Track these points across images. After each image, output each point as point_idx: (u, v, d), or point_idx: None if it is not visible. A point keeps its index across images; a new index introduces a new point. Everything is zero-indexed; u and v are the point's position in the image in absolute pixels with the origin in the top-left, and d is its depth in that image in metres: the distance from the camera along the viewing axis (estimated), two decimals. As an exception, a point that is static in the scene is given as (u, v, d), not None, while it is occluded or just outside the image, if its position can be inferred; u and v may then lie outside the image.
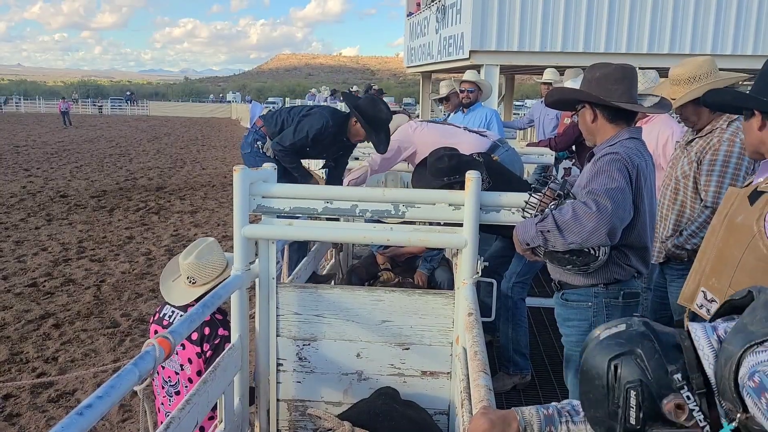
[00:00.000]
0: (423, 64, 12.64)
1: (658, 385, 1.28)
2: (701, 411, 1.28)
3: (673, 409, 1.27)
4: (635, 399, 1.27)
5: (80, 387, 5.09)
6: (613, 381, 1.30)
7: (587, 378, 1.36)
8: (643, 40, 9.16)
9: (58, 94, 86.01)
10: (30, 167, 18.33)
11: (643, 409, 1.27)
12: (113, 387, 1.57)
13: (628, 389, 1.28)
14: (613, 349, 1.33)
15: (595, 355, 1.35)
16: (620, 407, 1.29)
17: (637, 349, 1.31)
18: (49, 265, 8.45)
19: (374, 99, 4.26)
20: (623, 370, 1.29)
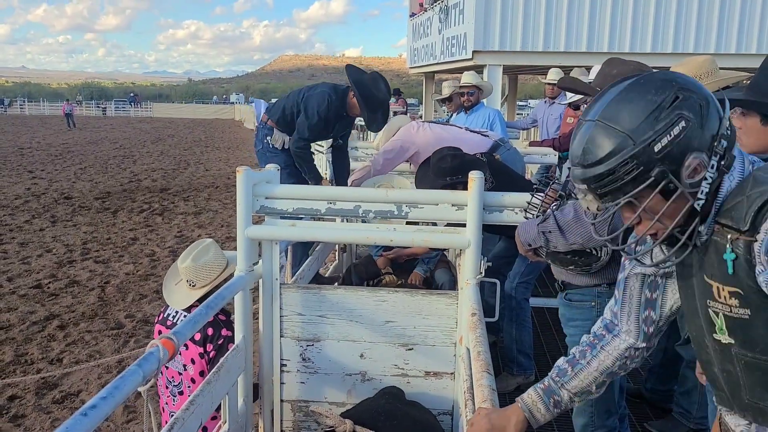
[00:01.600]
0: (426, 65, 12.63)
1: (701, 136, 1.21)
2: (709, 186, 1.24)
3: (694, 165, 1.22)
4: (679, 130, 1.20)
5: (85, 388, 5.10)
6: (668, 104, 1.21)
7: (640, 84, 1.25)
8: (647, 40, 9.14)
9: (62, 96, 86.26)
10: (34, 169, 18.39)
11: (674, 144, 1.20)
12: (117, 388, 1.57)
13: (678, 118, 1.20)
14: (686, 83, 1.25)
15: (664, 77, 1.26)
16: (655, 130, 1.20)
17: (703, 97, 1.24)
18: (54, 266, 8.48)
19: (376, 77, 4.25)
20: (684, 102, 1.22)
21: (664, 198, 1.24)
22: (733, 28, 8.97)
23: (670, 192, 1.23)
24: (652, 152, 1.20)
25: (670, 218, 1.26)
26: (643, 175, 1.21)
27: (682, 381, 3.33)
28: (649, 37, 9.13)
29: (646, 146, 1.20)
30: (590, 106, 1.31)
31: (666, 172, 1.21)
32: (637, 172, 1.21)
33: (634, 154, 1.20)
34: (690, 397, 3.32)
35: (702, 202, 1.24)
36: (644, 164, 1.21)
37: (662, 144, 1.20)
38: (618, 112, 1.23)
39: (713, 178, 1.23)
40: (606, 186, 1.25)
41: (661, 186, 1.22)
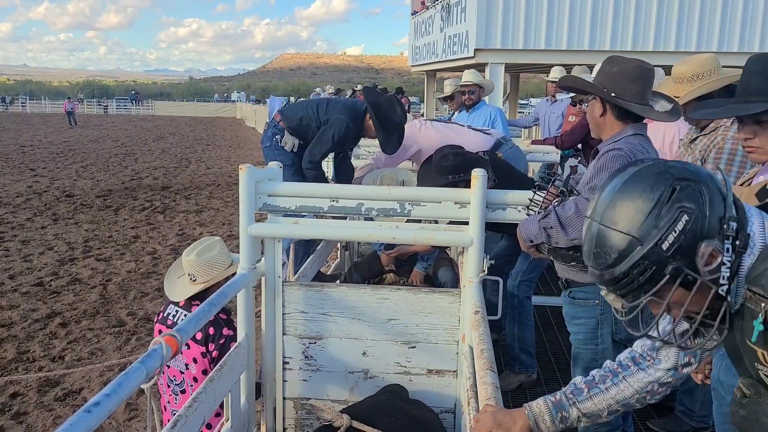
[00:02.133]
0: (428, 63, 12.63)
1: (709, 223, 1.20)
2: (729, 270, 1.23)
3: (708, 252, 1.21)
4: (683, 224, 1.19)
5: (87, 385, 5.11)
6: (666, 199, 1.21)
7: (635, 187, 1.25)
8: (649, 38, 9.13)
9: (64, 94, 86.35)
10: (36, 167, 18.40)
11: (682, 239, 1.20)
12: (121, 385, 1.57)
13: (680, 212, 1.20)
14: (680, 172, 1.24)
15: (656, 170, 1.25)
16: (659, 228, 1.20)
17: (703, 182, 1.23)
18: (56, 264, 8.48)
19: (392, 100, 4.27)
20: (683, 193, 1.21)
21: (686, 290, 1.23)
22: (736, 26, 8.96)
23: (690, 283, 1.22)
24: (661, 251, 1.20)
25: (697, 307, 1.25)
26: (658, 274, 1.21)
27: (685, 380, 3.33)
28: (651, 35, 9.12)
29: (654, 246, 1.20)
30: (593, 202, 1.32)
31: (680, 268, 1.20)
32: (651, 271, 1.21)
33: (644, 255, 1.21)
34: (692, 396, 3.31)
35: (726, 286, 1.23)
36: (656, 264, 1.21)
37: (669, 242, 1.20)
38: (619, 213, 1.24)
39: (731, 260, 1.23)
40: (624, 287, 1.26)
41: (680, 281, 1.22)
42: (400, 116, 4.18)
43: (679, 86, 3.00)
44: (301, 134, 4.30)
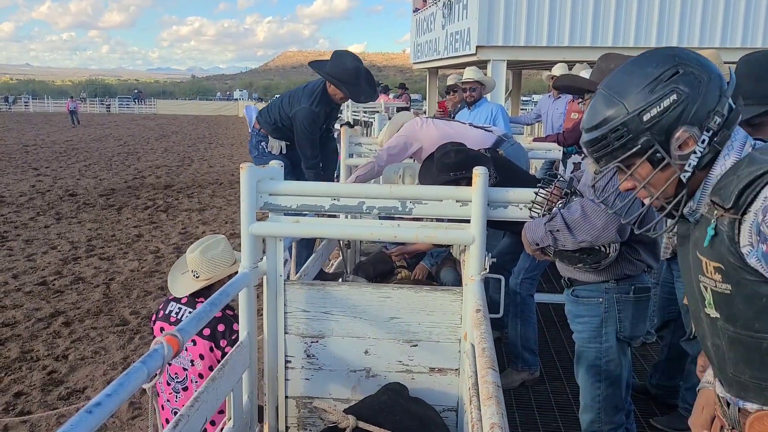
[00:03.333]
0: (429, 60, 12.61)
1: (696, 111, 1.24)
2: (698, 161, 1.27)
3: (684, 139, 1.26)
4: (670, 102, 1.24)
5: (90, 384, 5.12)
6: (666, 77, 1.26)
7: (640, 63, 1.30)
8: (651, 34, 9.10)
9: (67, 94, 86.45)
10: (39, 166, 18.44)
11: (664, 117, 1.25)
12: (122, 385, 1.57)
13: (673, 91, 1.24)
14: (689, 59, 1.28)
15: (668, 52, 1.30)
16: (647, 101, 1.25)
17: (705, 74, 1.27)
18: (59, 263, 8.50)
19: (337, 53, 4.34)
20: (682, 77, 1.25)
21: (653, 167, 1.29)
22: (739, 22, 8.92)
23: (658, 161, 1.28)
24: (640, 121, 1.26)
25: (656, 187, 1.32)
26: (631, 143, 1.27)
27: (688, 377, 3.32)
28: (653, 31, 9.08)
29: (635, 115, 1.26)
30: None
31: (652, 141, 1.26)
32: (626, 139, 1.27)
33: (624, 122, 1.27)
34: (695, 393, 3.31)
35: (688, 174, 1.28)
36: (632, 132, 1.27)
37: (651, 114, 1.25)
38: (620, 82, 1.31)
39: (703, 153, 1.27)
40: (598, 150, 1.33)
41: (648, 154, 1.28)
42: (351, 60, 4.26)
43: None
44: (282, 136, 4.37)
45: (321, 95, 4.29)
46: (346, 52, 4.33)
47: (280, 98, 4.53)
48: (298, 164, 4.61)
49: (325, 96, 4.30)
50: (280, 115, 4.36)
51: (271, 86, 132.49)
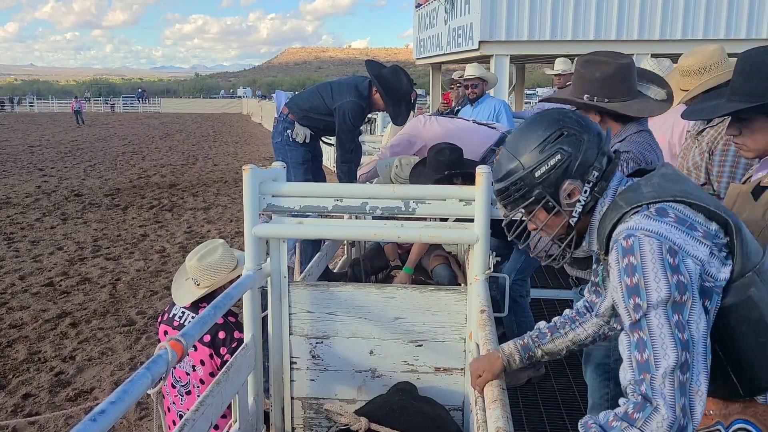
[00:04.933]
0: (433, 56, 12.57)
1: (578, 167, 1.51)
2: (582, 208, 1.54)
3: (570, 190, 1.53)
4: (556, 161, 1.51)
5: (98, 385, 5.14)
6: (552, 138, 1.52)
7: (534, 125, 1.56)
8: (655, 26, 9.04)
9: (71, 93, 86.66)
10: (44, 167, 18.50)
11: (552, 173, 1.51)
12: (126, 392, 1.57)
13: (558, 151, 1.51)
14: (571, 122, 1.55)
15: (555, 116, 1.56)
16: (538, 160, 1.52)
17: (586, 134, 1.53)
18: (65, 264, 8.53)
19: (397, 70, 4.25)
20: (567, 138, 1.51)
21: (547, 213, 1.56)
22: (743, 13, 8.85)
23: (551, 209, 1.55)
24: (533, 177, 1.53)
25: (550, 229, 1.59)
26: (527, 194, 1.55)
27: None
28: (657, 24, 9.02)
29: (529, 172, 1.53)
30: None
31: (544, 194, 1.53)
32: (524, 191, 1.55)
33: (521, 177, 1.54)
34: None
35: (576, 219, 1.55)
36: (528, 185, 1.54)
37: (541, 171, 1.52)
38: (518, 142, 1.57)
39: (586, 201, 1.53)
40: (504, 199, 1.61)
41: (542, 204, 1.55)
42: (406, 85, 4.17)
43: (686, 79, 2.97)
44: (311, 123, 4.28)
45: (367, 95, 4.23)
46: (405, 72, 4.28)
47: (317, 88, 4.45)
48: (319, 156, 4.57)
49: (368, 98, 4.24)
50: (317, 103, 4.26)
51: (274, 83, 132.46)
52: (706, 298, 1.36)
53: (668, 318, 1.28)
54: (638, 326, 1.30)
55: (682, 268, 1.31)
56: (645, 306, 1.29)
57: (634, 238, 1.33)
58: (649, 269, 1.30)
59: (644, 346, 1.28)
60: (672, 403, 1.23)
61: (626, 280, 1.32)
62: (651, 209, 1.39)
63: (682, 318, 1.28)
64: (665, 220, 1.35)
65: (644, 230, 1.34)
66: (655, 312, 1.29)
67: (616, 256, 1.36)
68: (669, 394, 1.23)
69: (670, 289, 1.28)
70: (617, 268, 1.35)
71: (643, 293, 1.30)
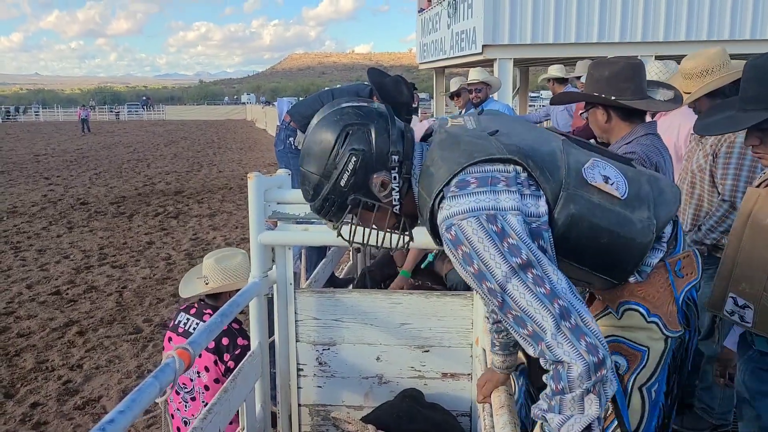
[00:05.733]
0: (436, 60, 12.59)
1: (377, 159, 1.45)
2: (399, 193, 1.49)
3: (380, 183, 1.47)
4: (353, 164, 1.44)
5: (105, 394, 5.15)
6: (341, 144, 1.45)
7: (317, 135, 1.49)
8: (659, 28, 9.04)
9: (76, 102, 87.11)
10: (50, 175, 18.58)
11: (356, 175, 1.45)
12: (135, 401, 1.58)
13: (351, 154, 1.44)
14: (351, 117, 1.47)
15: (333, 118, 1.49)
16: (337, 169, 1.45)
17: (371, 124, 1.46)
18: (72, 272, 8.56)
19: (398, 80, 4.24)
20: (353, 137, 1.44)
21: (371, 211, 1.51)
22: (747, 14, 8.84)
23: (371, 207, 1.50)
24: (340, 187, 1.46)
25: (381, 224, 1.55)
26: (343, 204, 1.49)
27: (703, 376, 3.30)
28: (661, 26, 9.02)
29: (334, 184, 1.46)
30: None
31: (357, 197, 1.47)
32: (338, 202, 1.49)
33: (329, 191, 1.48)
34: (711, 393, 3.28)
35: (398, 206, 1.50)
36: (339, 196, 1.48)
37: (345, 179, 1.45)
38: (310, 157, 1.50)
39: (399, 186, 1.48)
40: (325, 215, 1.54)
41: (361, 206, 1.49)
42: (406, 96, 4.17)
43: (688, 82, 2.97)
44: None
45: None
46: (406, 82, 4.28)
47: (319, 94, 4.47)
48: None
49: None
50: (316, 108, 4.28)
51: (278, 89, 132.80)
52: (538, 238, 1.37)
53: (523, 283, 1.27)
54: (506, 306, 1.29)
55: (507, 228, 1.30)
56: (497, 287, 1.28)
57: (455, 227, 1.32)
58: (481, 251, 1.29)
59: (522, 321, 1.28)
60: (576, 354, 1.24)
61: (470, 270, 1.32)
62: (452, 186, 1.37)
63: (535, 272, 1.28)
64: (468, 189, 1.35)
65: (458, 214, 1.32)
66: (510, 285, 1.28)
67: (450, 250, 1.35)
68: (568, 348, 1.24)
69: (507, 260, 1.28)
70: (455, 261, 1.35)
71: (489, 276, 1.29)
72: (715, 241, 2.99)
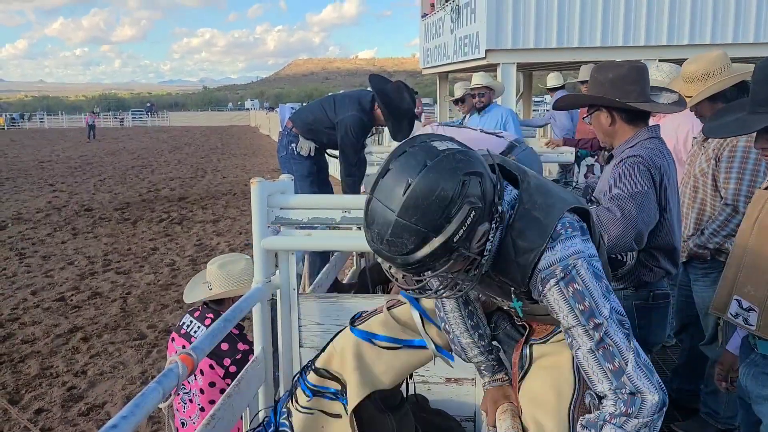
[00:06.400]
0: (439, 65, 12.60)
1: (486, 209, 1.33)
2: (491, 244, 1.39)
3: (480, 234, 1.35)
4: (470, 219, 1.29)
5: (110, 400, 5.16)
6: (457, 194, 1.28)
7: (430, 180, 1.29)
8: (662, 32, 9.03)
9: (80, 109, 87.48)
10: (55, 182, 18.65)
11: (468, 230, 1.30)
12: (138, 406, 1.58)
13: (469, 209, 1.29)
14: (466, 165, 1.32)
15: (448, 165, 1.30)
16: (451, 223, 1.28)
17: (484, 173, 1.34)
18: (76, 279, 8.58)
19: (400, 86, 4.25)
20: (469, 188, 1.29)
21: (462, 263, 1.40)
22: (751, 17, 8.83)
23: (467, 259, 1.38)
24: (452, 242, 1.30)
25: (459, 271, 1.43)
26: (446, 260, 1.34)
27: (708, 380, 3.28)
28: (664, 30, 9.02)
29: (447, 239, 1.29)
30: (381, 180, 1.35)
31: (462, 251, 1.34)
32: (442, 258, 1.33)
33: (438, 247, 1.30)
34: (717, 397, 3.26)
35: (488, 256, 1.39)
36: (446, 252, 1.32)
37: (459, 235, 1.30)
38: (415, 209, 1.28)
39: (494, 236, 1.39)
40: (417, 273, 1.38)
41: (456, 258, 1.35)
42: (408, 102, 4.17)
43: (689, 85, 2.96)
44: (315, 137, 4.31)
45: (369, 110, 4.24)
46: (408, 89, 4.29)
47: (320, 101, 4.48)
48: (324, 168, 4.59)
49: (370, 112, 4.25)
50: (319, 116, 4.29)
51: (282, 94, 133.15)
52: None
53: (616, 323, 1.40)
54: (602, 342, 1.38)
55: (599, 268, 1.42)
56: (604, 323, 1.38)
57: (570, 267, 1.38)
58: (593, 289, 1.38)
59: (612, 355, 1.38)
60: (653, 387, 1.37)
61: (578, 307, 1.38)
62: (558, 230, 1.41)
63: (619, 313, 1.42)
64: (572, 234, 1.42)
65: (572, 255, 1.39)
66: (609, 322, 1.39)
67: (559, 289, 1.38)
68: (646, 382, 1.37)
69: (609, 300, 1.41)
70: (563, 299, 1.39)
71: (597, 313, 1.38)
72: (717, 245, 2.98)
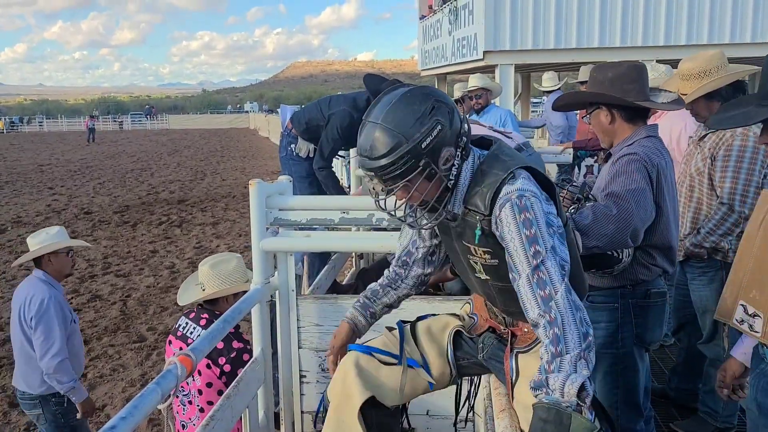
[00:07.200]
0: (437, 67, 12.61)
1: (451, 134, 1.65)
2: (456, 170, 1.69)
3: (447, 155, 1.65)
4: (437, 132, 1.61)
5: (109, 402, 5.16)
6: (428, 111, 1.62)
7: (409, 98, 1.66)
8: (659, 32, 9.04)
9: (80, 112, 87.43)
10: (54, 185, 18.65)
11: (433, 143, 1.62)
12: (137, 407, 1.59)
13: (436, 123, 1.62)
14: (439, 96, 1.69)
15: (423, 92, 1.69)
16: (421, 132, 1.60)
17: (451, 106, 1.68)
18: (76, 282, 8.58)
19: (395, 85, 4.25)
20: (438, 111, 1.63)
21: (428, 181, 1.66)
22: (748, 17, 8.84)
23: (431, 176, 1.65)
24: (420, 148, 1.61)
25: (430, 195, 1.70)
26: (414, 165, 1.62)
27: (707, 379, 3.29)
28: (661, 30, 9.02)
29: (416, 144, 1.60)
30: (371, 108, 1.70)
31: (430, 163, 1.63)
32: (411, 163, 1.62)
33: (408, 150, 1.60)
34: (715, 396, 3.26)
35: (452, 182, 1.70)
36: (415, 157, 1.61)
37: (427, 142, 1.61)
38: (394, 117, 1.63)
39: (459, 165, 1.69)
40: (389, 174, 1.64)
41: (426, 172, 1.63)
42: None
43: (685, 83, 2.97)
44: (313, 138, 4.31)
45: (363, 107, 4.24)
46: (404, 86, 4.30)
47: (318, 101, 4.49)
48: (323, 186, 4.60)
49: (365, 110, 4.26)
50: (314, 114, 4.29)
51: (281, 97, 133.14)
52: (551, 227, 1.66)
53: (555, 261, 1.60)
54: (538, 269, 1.58)
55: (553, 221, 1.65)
56: (544, 252, 1.58)
57: (525, 198, 1.61)
58: (541, 222, 1.60)
59: (544, 283, 1.57)
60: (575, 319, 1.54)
61: (525, 232, 1.59)
62: (520, 173, 1.68)
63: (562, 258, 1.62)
64: (530, 183, 1.67)
65: (529, 191, 1.63)
66: (548, 254, 1.59)
67: (512, 213, 1.60)
68: (570, 314, 1.54)
69: (553, 240, 1.62)
70: (515, 222, 1.60)
71: (540, 241, 1.59)
72: (714, 244, 2.99)
